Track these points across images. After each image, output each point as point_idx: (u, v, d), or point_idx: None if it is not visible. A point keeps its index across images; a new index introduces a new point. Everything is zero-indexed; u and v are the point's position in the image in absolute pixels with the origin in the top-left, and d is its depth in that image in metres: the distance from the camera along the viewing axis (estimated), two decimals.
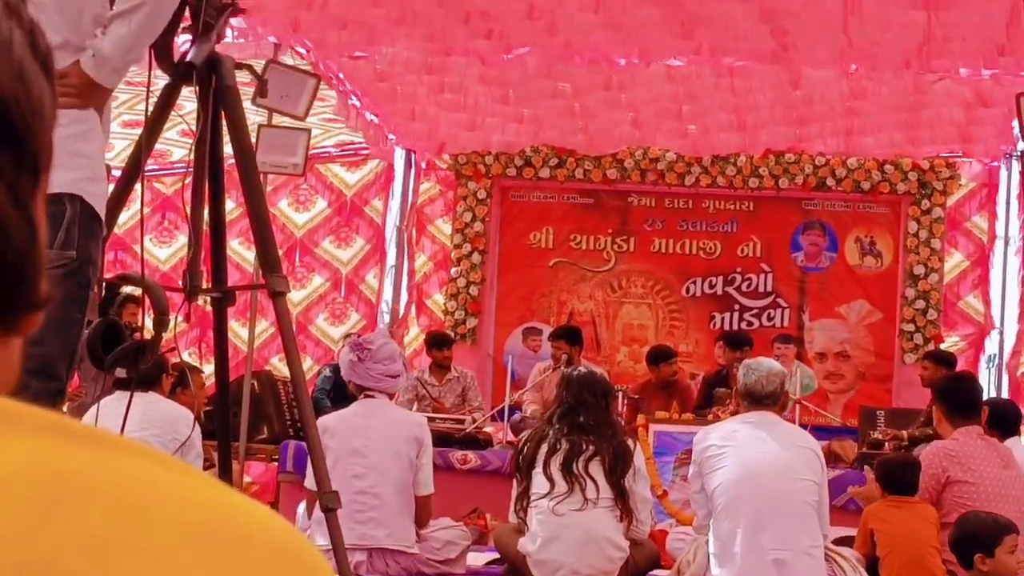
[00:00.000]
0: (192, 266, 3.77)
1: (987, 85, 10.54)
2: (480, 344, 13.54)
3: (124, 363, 3.68)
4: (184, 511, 0.62)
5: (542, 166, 13.42)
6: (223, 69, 3.77)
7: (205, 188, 3.78)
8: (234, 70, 3.81)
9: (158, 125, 3.78)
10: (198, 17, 3.71)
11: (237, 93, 3.80)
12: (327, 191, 13.86)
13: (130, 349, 3.66)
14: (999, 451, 6.96)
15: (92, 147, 3.75)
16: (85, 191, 3.42)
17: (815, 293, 13.39)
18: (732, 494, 6.27)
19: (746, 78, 10.71)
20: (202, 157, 3.75)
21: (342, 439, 6.44)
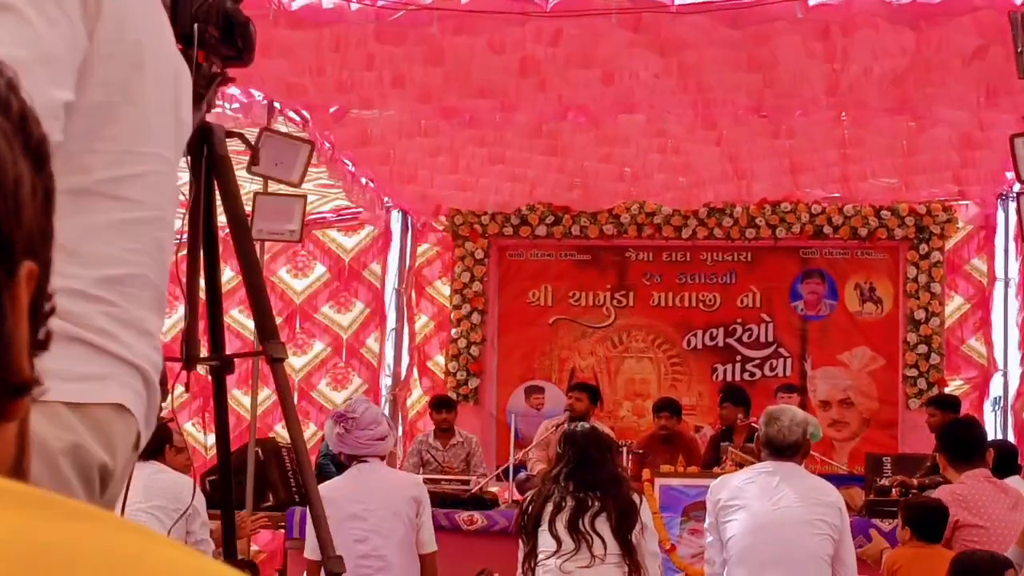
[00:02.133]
0: (189, 335, 3.77)
1: (980, 126, 10.56)
2: (483, 404, 13.53)
3: None
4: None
5: (538, 224, 13.44)
6: (214, 138, 3.77)
7: (200, 257, 3.77)
8: (225, 139, 3.82)
9: None
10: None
11: (229, 162, 3.81)
12: (325, 256, 13.88)
13: None
14: (1007, 492, 6.93)
15: None
16: None
17: (816, 341, 13.38)
18: (745, 544, 6.24)
19: (737, 129, 10.75)
20: (195, 226, 3.75)
21: (339, 507, 6.40)
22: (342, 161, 11.80)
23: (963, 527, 6.64)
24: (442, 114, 10.56)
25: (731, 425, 11.38)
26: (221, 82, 3.86)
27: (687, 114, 10.36)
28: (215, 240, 3.82)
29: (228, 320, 13.04)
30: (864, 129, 10.83)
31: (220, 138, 3.80)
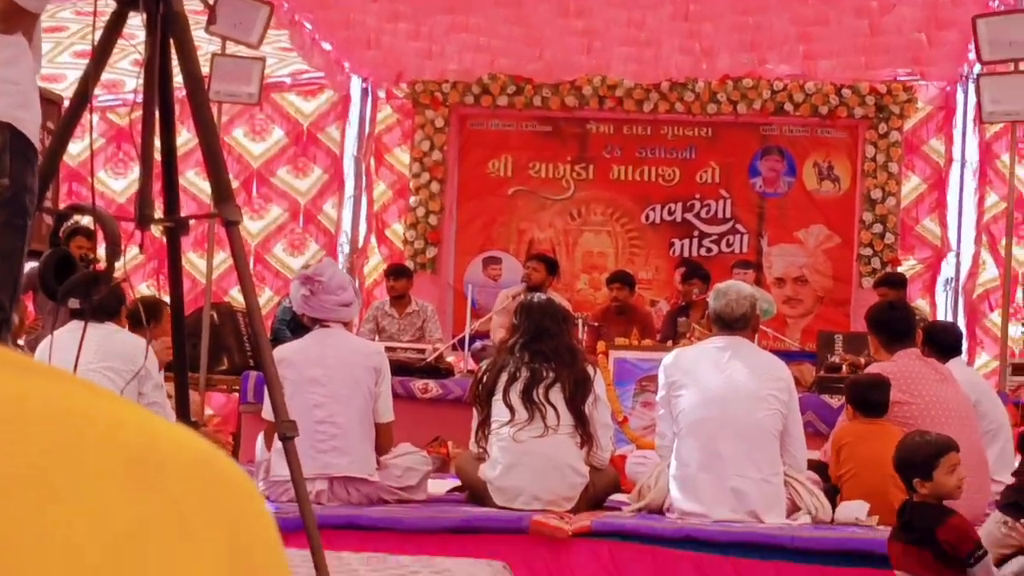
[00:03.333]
0: (143, 195, 3.73)
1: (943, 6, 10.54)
2: (440, 273, 13.53)
3: (77, 294, 3.65)
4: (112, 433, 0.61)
5: (500, 94, 13.35)
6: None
7: (155, 117, 3.72)
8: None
9: (106, 53, 3.72)
10: None
11: (185, 19, 3.74)
12: (283, 121, 13.76)
13: (83, 279, 3.63)
14: (937, 369, 7.02)
15: (21, 73, 3.71)
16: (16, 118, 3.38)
17: (774, 218, 13.42)
18: (695, 418, 6.29)
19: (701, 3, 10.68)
20: (151, 85, 3.70)
21: (299, 369, 6.42)
22: (302, 24, 11.67)
23: (895, 404, 6.71)
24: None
25: (689, 300, 11.41)
26: None
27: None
28: (170, 99, 3.77)
29: (184, 182, 12.98)
30: (828, 6, 10.77)
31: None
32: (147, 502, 0.60)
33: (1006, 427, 8.08)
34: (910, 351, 7.04)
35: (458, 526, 5.92)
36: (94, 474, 0.59)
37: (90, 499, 0.58)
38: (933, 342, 7.98)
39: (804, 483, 6.39)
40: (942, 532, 4.78)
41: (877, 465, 6.47)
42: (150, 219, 3.74)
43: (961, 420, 6.77)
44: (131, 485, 0.60)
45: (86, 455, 0.59)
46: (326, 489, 6.37)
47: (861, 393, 6.71)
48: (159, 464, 0.61)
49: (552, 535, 5.83)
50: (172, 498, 0.61)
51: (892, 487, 6.36)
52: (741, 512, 6.14)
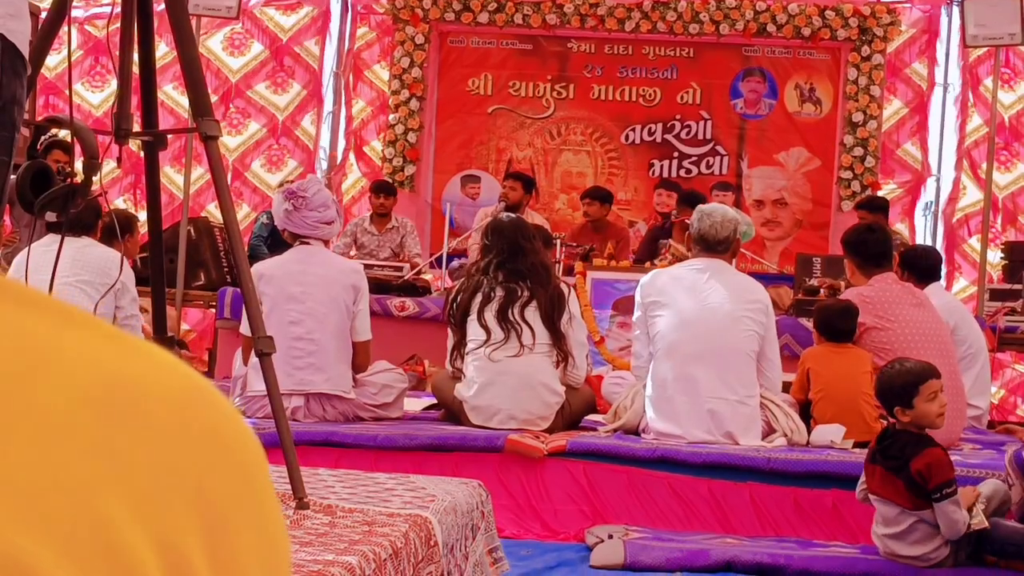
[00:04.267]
0: (121, 108, 3.69)
1: None
2: (418, 191, 13.47)
3: (54, 207, 3.63)
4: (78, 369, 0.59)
5: (480, 10, 13.23)
6: None
7: (133, 28, 3.68)
8: None
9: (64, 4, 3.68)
10: None
11: None
12: (262, 35, 13.62)
13: (60, 192, 3.60)
14: (913, 293, 7.04)
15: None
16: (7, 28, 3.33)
17: (754, 140, 13.37)
18: (672, 339, 6.31)
19: None
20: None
21: (279, 285, 6.40)
22: None
23: (869, 329, 6.75)
24: None
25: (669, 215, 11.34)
26: None
27: None
28: (149, 12, 3.73)
29: (162, 96, 12.89)
30: None
31: None
32: (103, 442, 0.57)
33: (983, 352, 8.13)
34: (887, 275, 7.06)
35: (433, 444, 5.94)
36: (47, 410, 0.56)
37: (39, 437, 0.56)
38: (911, 266, 8.00)
39: (780, 405, 6.42)
40: (916, 463, 4.81)
41: (846, 384, 6.54)
42: (128, 133, 3.71)
43: (938, 345, 6.80)
44: (89, 424, 0.57)
45: (42, 391, 0.57)
46: (302, 405, 6.37)
47: (827, 320, 6.76)
48: (124, 404, 0.59)
49: (527, 454, 5.85)
50: (130, 440, 0.58)
51: (863, 404, 6.44)
52: (717, 433, 6.17)
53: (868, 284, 7.01)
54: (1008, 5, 10.20)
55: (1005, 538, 4.93)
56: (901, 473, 4.87)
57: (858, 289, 7.02)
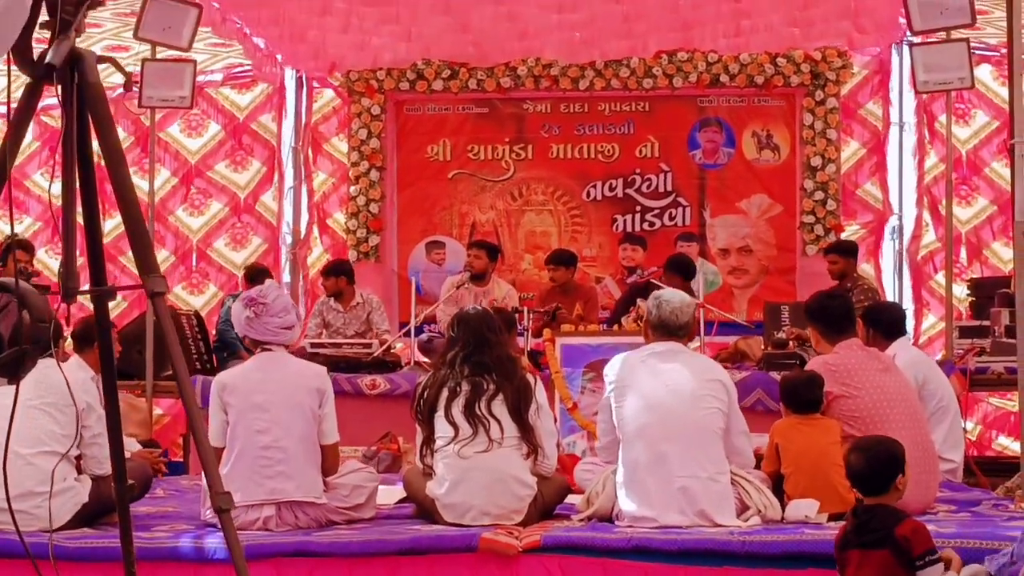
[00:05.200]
0: (67, 269, 3.69)
1: None
2: (384, 261, 13.49)
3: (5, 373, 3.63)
4: None
5: (435, 78, 13.27)
6: (85, 66, 3.65)
7: (76, 189, 3.68)
8: (96, 65, 3.71)
9: (22, 127, 3.68)
10: (55, 14, 3.61)
11: (101, 89, 3.69)
12: (218, 115, 13.66)
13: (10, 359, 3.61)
14: (879, 358, 7.06)
15: None
16: None
17: (715, 190, 13.42)
18: (639, 423, 6.31)
19: None
20: (69, 158, 3.66)
21: (243, 395, 6.39)
22: (232, 21, 11.58)
23: (837, 398, 6.76)
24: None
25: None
26: (90, 6, 3.75)
27: None
28: (91, 171, 3.73)
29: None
30: None
31: (91, 65, 3.69)
32: None
33: (953, 405, 8.13)
34: (851, 341, 7.07)
35: (408, 547, 5.91)
36: None
37: None
38: (875, 323, 8.02)
39: (752, 481, 6.42)
40: (901, 529, 4.80)
41: (816, 456, 6.56)
42: (74, 292, 3.70)
43: (906, 410, 6.82)
44: None
45: None
46: (274, 515, 6.35)
47: (793, 391, 6.78)
48: None
49: (502, 552, 5.83)
50: None
51: (834, 475, 6.44)
52: (690, 513, 6.16)
53: (833, 351, 7.02)
54: (956, 49, 10.27)
55: None
56: (885, 544, 4.86)
57: (823, 358, 7.03)
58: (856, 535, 4.96)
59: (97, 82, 3.69)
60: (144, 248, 3.69)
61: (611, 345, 9.98)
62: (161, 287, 3.65)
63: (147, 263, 3.67)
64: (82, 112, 3.68)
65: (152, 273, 3.65)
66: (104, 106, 3.71)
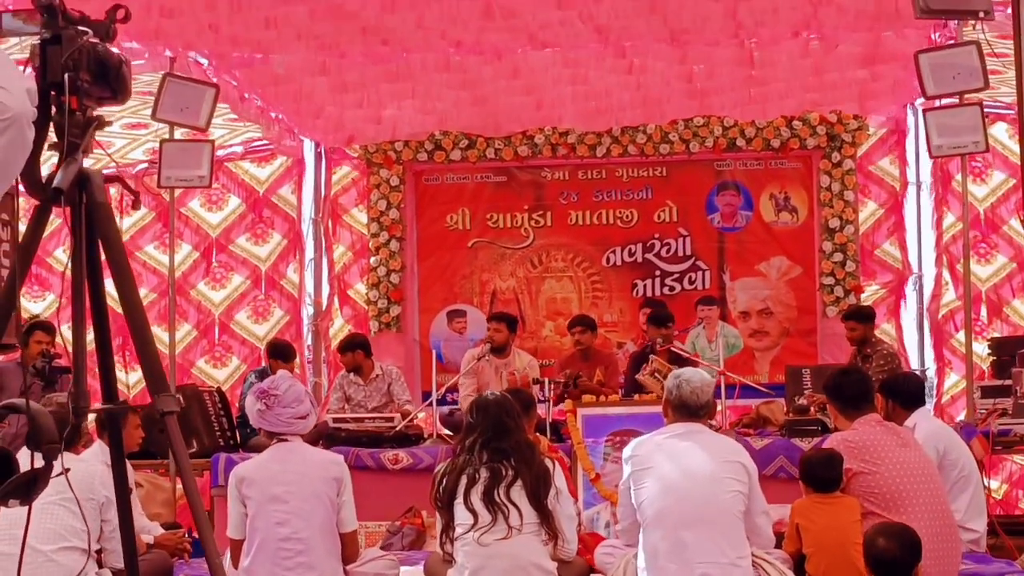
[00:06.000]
0: (77, 388, 3.72)
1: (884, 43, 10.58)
2: (405, 331, 13.53)
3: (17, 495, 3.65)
4: None
5: (453, 148, 13.36)
6: (93, 187, 3.69)
7: (85, 309, 3.72)
8: (104, 186, 3.75)
9: (31, 249, 3.72)
10: (62, 136, 3.65)
11: (109, 209, 3.73)
12: (239, 188, 13.75)
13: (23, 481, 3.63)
14: (897, 434, 7.03)
15: None
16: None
17: (734, 253, 13.45)
18: (659, 507, 6.30)
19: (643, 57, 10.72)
20: (79, 277, 3.69)
21: (261, 488, 6.40)
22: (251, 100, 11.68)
23: (857, 475, 6.74)
24: (346, 54, 10.46)
25: (652, 344, 11.34)
26: (97, 126, 3.79)
27: (596, 45, 10.32)
28: (102, 288, 3.76)
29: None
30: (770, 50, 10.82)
31: (99, 185, 3.73)
32: None
33: (975, 474, 8.09)
34: (869, 417, 7.05)
35: None
36: None
37: None
38: (894, 395, 8.00)
39: (773, 563, 6.40)
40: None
41: (836, 535, 6.54)
42: (85, 411, 3.73)
43: (926, 485, 6.79)
44: None
45: None
46: None
47: (812, 471, 6.76)
48: None
49: None
50: None
51: (855, 554, 6.42)
52: None
53: (852, 428, 7.00)
54: (969, 113, 10.27)
55: None
56: None
57: (842, 435, 7.01)
58: None
59: (105, 202, 3.73)
60: (154, 367, 3.71)
61: (632, 415, 10.01)
62: (172, 406, 3.68)
63: (157, 382, 3.69)
64: (91, 232, 3.72)
65: (162, 392, 3.68)
66: (113, 226, 3.74)
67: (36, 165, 3.63)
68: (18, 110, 3.13)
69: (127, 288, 3.76)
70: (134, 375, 7.40)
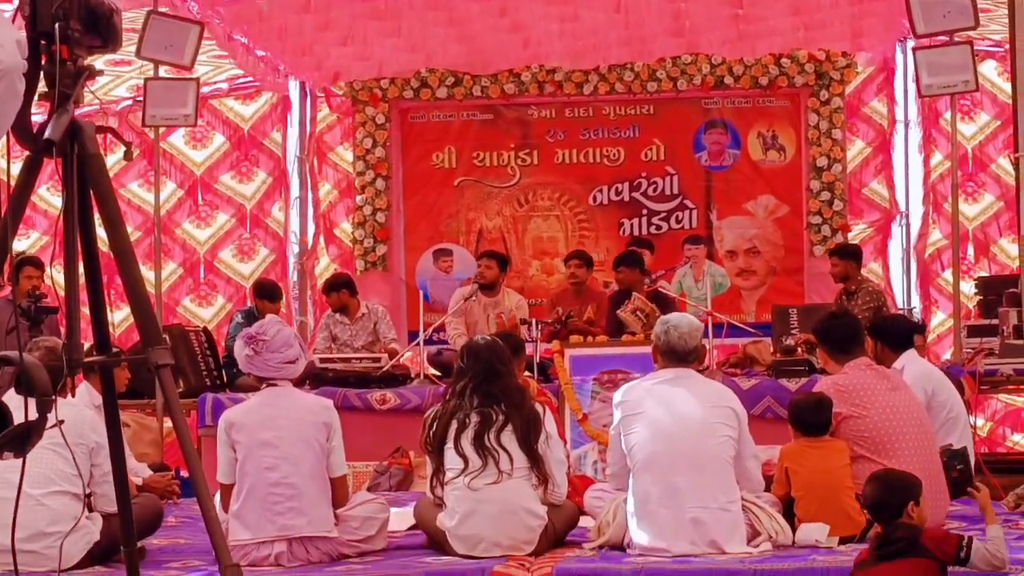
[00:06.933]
0: (71, 340, 3.70)
1: None
2: (391, 270, 13.50)
3: (11, 448, 3.63)
4: None
5: (439, 86, 13.29)
6: (84, 137, 3.66)
7: (77, 261, 3.68)
8: (96, 136, 3.71)
9: (22, 201, 3.68)
10: (54, 87, 3.61)
11: (101, 160, 3.70)
12: (223, 126, 13.66)
13: (16, 434, 3.60)
14: (887, 377, 7.05)
15: None
16: None
17: (721, 192, 13.42)
18: (649, 452, 6.30)
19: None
20: (71, 230, 3.66)
21: (250, 433, 6.38)
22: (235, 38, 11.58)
23: (847, 419, 6.75)
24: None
25: (630, 288, 11.25)
26: (88, 76, 3.75)
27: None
28: (94, 240, 3.73)
29: (128, 195, 12.93)
30: None
31: (90, 136, 3.70)
32: None
33: (963, 416, 8.15)
34: (859, 361, 7.05)
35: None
36: None
37: None
38: (883, 336, 8.02)
39: (763, 507, 6.41)
40: (925, 538, 4.88)
41: (826, 479, 6.56)
42: (79, 363, 3.71)
43: (916, 429, 6.82)
44: None
45: None
46: (285, 550, 6.34)
47: (801, 415, 6.76)
48: None
49: None
50: None
51: (844, 497, 6.46)
52: (701, 543, 6.16)
53: (842, 372, 7.00)
54: (959, 52, 10.22)
55: None
56: (911, 553, 4.91)
57: (832, 379, 7.02)
58: (879, 550, 5.01)
59: (97, 153, 3.70)
60: (148, 319, 3.70)
61: (620, 355, 10.01)
62: (165, 359, 3.66)
63: (151, 334, 3.67)
64: (83, 183, 3.68)
65: (156, 344, 3.65)
66: (105, 177, 3.71)
67: (27, 117, 3.59)
68: (9, 63, 3.09)
69: (119, 237, 3.73)
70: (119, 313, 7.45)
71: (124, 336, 11.25)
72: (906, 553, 4.94)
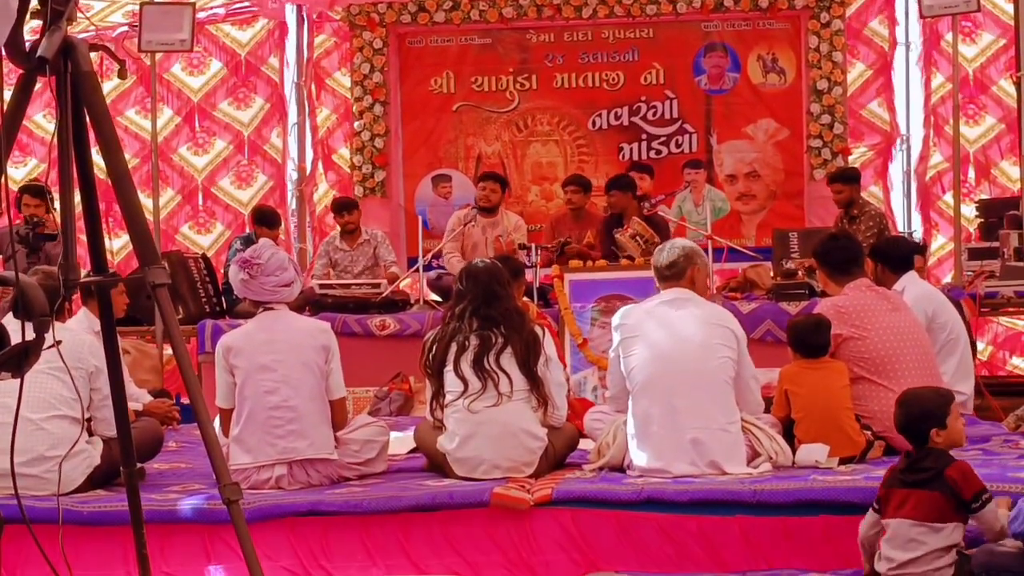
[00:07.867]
0: (67, 260, 3.67)
1: None
2: (390, 196, 13.46)
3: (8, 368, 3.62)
4: None
5: (436, 10, 13.21)
6: (77, 55, 3.61)
7: (72, 179, 3.65)
8: (89, 54, 3.67)
9: (16, 120, 3.64)
10: (46, 4, 3.57)
11: (95, 78, 3.65)
12: (220, 52, 13.57)
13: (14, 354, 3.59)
14: (888, 298, 7.03)
15: None
16: None
17: (721, 115, 13.36)
18: (649, 373, 6.29)
19: None
20: (65, 148, 3.63)
21: (248, 357, 6.37)
22: None
23: (847, 340, 6.74)
24: None
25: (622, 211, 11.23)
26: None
27: None
28: (89, 160, 3.70)
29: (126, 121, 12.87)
30: None
31: (84, 54, 3.66)
32: None
33: (964, 337, 8.11)
34: (859, 282, 7.03)
35: (419, 505, 5.92)
36: None
37: None
38: (884, 258, 7.99)
39: (763, 428, 6.41)
40: (950, 471, 4.84)
41: (826, 400, 6.55)
42: (75, 283, 3.68)
43: (916, 349, 6.81)
44: None
45: None
46: (286, 473, 6.36)
47: (800, 336, 6.75)
48: None
49: (514, 507, 5.84)
50: None
51: (844, 418, 6.46)
52: (701, 464, 6.16)
53: (842, 293, 6.99)
54: None
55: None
56: (934, 485, 4.88)
57: (832, 300, 7.01)
58: (903, 474, 4.99)
59: (91, 71, 3.66)
60: (144, 238, 3.67)
61: (619, 279, 10.01)
62: (162, 278, 3.64)
63: (148, 254, 3.65)
64: (77, 102, 3.64)
65: (153, 264, 3.63)
66: (99, 95, 3.68)
67: (20, 34, 3.55)
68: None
69: (114, 158, 3.70)
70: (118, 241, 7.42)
71: (123, 264, 11.25)
72: (929, 484, 4.90)
